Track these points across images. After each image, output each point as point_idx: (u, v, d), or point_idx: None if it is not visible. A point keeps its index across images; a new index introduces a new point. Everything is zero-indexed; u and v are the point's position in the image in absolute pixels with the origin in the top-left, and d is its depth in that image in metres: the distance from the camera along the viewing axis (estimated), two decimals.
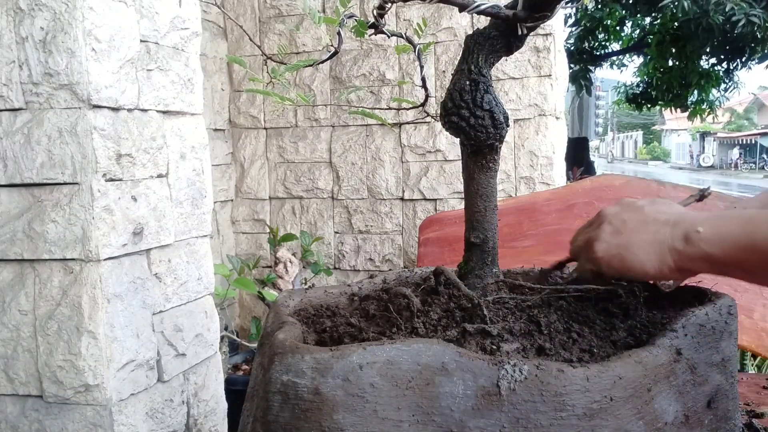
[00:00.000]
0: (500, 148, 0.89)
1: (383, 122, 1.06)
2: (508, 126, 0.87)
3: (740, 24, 6.14)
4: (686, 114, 9.22)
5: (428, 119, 2.95)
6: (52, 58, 1.52)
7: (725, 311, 0.77)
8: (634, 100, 9.77)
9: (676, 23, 7.21)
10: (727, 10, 6.08)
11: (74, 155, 1.54)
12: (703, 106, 8.71)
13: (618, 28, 9.06)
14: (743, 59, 7.68)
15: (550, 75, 3.05)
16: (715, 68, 8.15)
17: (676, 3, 6.13)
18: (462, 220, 0.92)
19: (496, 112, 0.84)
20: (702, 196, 0.92)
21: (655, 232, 0.75)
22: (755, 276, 0.70)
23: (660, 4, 6.36)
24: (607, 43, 9.43)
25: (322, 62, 0.93)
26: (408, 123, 3.16)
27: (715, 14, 6.24)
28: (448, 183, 3.19)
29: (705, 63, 8.09)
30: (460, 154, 0.90)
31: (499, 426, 0.63)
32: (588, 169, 7.64)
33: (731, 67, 8.05)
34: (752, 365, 2.63)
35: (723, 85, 8.37)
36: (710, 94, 8.56)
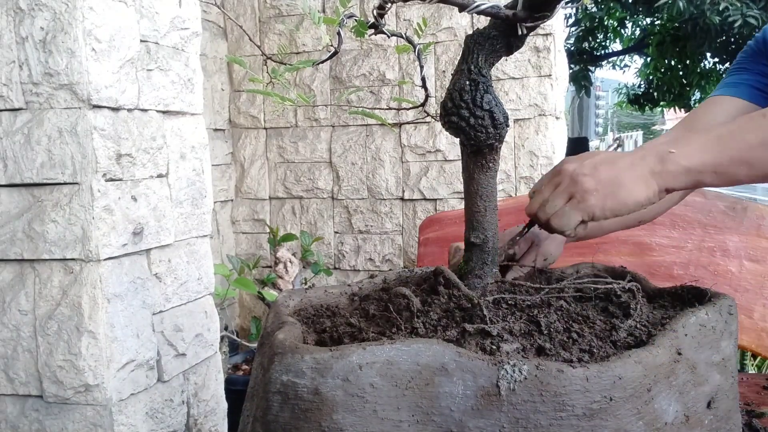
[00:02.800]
0: (500, 148, 0.89)
1: (383, 122, 1.06)
2: (508, 126, 0.87)
3: (737, 24, 6.13)
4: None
5: (428, 119, 2.95)
6: (52, 58, 1.52)
7: (725, 311, 0.77)
8: (635, 101, 9.78)
9: (675, 24, 7.21)
10: (721, 9, 6.07)
11: (74, 155, 1.54)
12: None
13: (618, 28, 9.06)
14: None
15: (550, 75, 3.05)
16: (717, 68, 8.14)
17: (671, 3, 6.13)
18: (462, 220, 0.92)
19: (496, 112, 0.84)
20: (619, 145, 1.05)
21: (631, 167, 0.85)
22: (725, 175, 0.85)
23: (656, 4, 6.36)
24: (607, 43, 9.43)
25: (322, 62, 0.93)
26: (408, 123, 3.16)
27: (711, 14, 6.24)
28: (448, 183, 3.19)
29: (707, 63, 8.08)
30: (460, 154, 0.90)
31: (498, 426, 0.63)
32: None
33: None
34: (752, 365, 2.63)
35: None
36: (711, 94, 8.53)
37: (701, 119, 1.28)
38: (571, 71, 8.21)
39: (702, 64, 8.09)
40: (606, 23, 8.72)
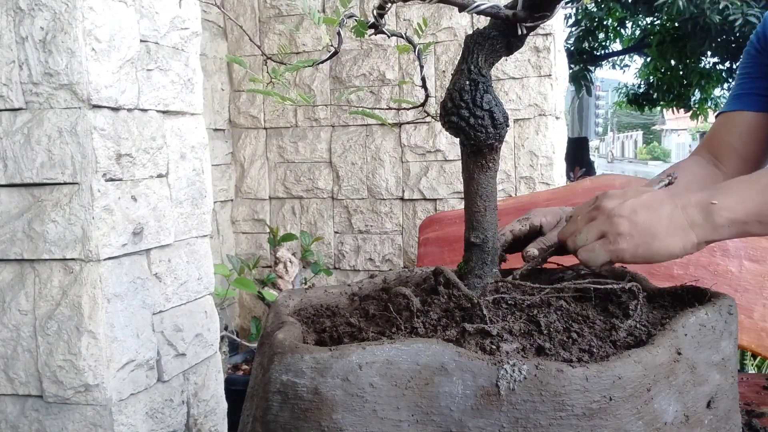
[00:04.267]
0: (500, 148, 0.88)
1: (383, 122, 1.06)
2: (507, 126, 0.87)
3: (737, 23, 6.14)
4: (688, 114, 9.22)
5: (428, 119, 2.95)
6: (52, 58, 1.52)
7: (725, 311, 0.77)
8: (635, 101, 9.79)
9: (675, 23, 7.22)
10: (721, 8, 6.08)
11: (74, 155, 1.54)
12: (707, 105, 8.71)
13: (618, 28, 9.06)
14: None
15: (550, 75, 3.05)
16: (717, 68, 8.14)
17: (671, 2, 6.13)
18: (462, 220, 0.91)
19: (496, 112, 0.84)
20: (670, 182, 1.01)
21: (671, 216, 0.84)
22: None
23: (656, 4, 6.36)
24: (607, 43, 9.43)
25: (322, 62, 0.93)
26: (408, 123, 3.16)
27: (711, 13, 6.24)
28: (448, 183, 3.19)
29: (707, 63, 8.08)
30: (460, 154, 0.90)
31: (498, 426, 0.63)
32: (588, 170, 7.64)
33: (734, 66, 8.05)
34: (752, 365, 2.63)
35: (726, 84, 8.36)
36: (712, 93, 8.55)
37: (723, 140, 1.29)
38: (571, 71, 8.22)
39: (702, 64, 8.09)
40: (606, 23, 8.72)
